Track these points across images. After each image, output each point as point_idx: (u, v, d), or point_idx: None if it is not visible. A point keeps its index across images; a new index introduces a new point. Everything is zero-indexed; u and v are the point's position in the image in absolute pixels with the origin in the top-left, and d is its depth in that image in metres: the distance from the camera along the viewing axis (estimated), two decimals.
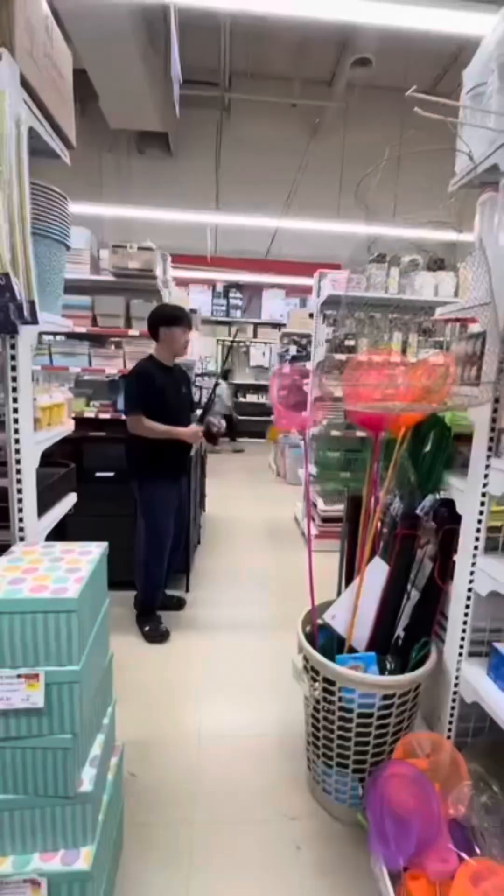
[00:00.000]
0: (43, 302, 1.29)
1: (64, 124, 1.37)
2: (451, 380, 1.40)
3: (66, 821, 1.01)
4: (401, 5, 2.06)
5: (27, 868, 0.98)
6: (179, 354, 2.36)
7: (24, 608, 0.93)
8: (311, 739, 1.53)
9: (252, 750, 1.73)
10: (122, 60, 4.78)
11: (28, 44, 1.08)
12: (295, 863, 1.35)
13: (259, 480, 5.87)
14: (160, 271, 3.21)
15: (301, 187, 6.99)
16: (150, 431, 2.20)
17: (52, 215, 1.36)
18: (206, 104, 6.72)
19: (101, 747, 1.13)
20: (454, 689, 1.43)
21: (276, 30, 5.44)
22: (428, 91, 1.10)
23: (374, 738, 1.38)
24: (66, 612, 0.94)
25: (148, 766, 1.63)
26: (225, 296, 7.97)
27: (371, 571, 1.54)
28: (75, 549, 1.15)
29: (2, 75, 0.99)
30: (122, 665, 2.10)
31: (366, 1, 2.03)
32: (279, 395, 1.78)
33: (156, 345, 2.32)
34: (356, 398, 1.50)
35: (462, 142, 1.24)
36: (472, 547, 1.35)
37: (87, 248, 3.13)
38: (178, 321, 2.27)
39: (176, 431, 2.22)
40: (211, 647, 2.34)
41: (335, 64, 6.24)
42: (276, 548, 3.68)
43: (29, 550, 1.14)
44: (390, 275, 3.28)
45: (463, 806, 1.24)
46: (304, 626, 1.59)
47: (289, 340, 6.92)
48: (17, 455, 1.18)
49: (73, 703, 0.96)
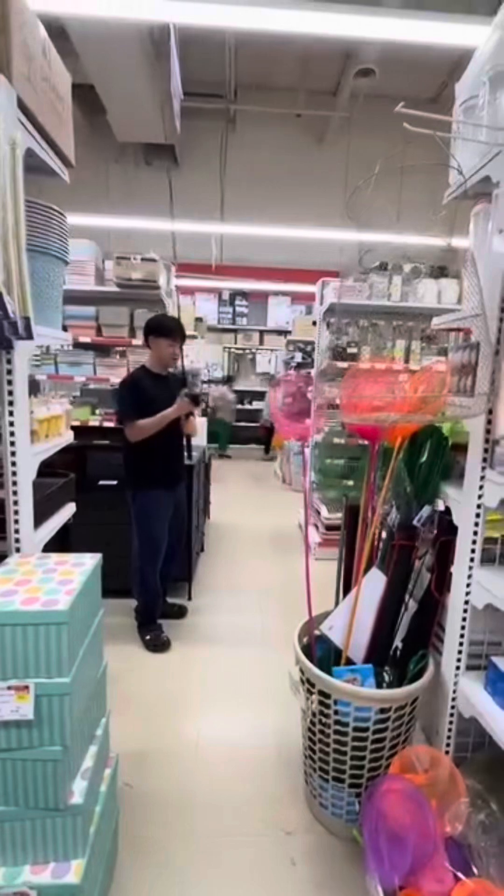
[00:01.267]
0: (41, 316, 1.32)
1: (63, 144, 1.40)
2: (447, 390, 1.40)
3: (56, 833, 1.01)
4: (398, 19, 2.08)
5: (17, 881, 0.98)
6: (167, 365, 2.36)
7: (14, 620, 0.94)
8: (307, 753, 1.52)
9: (250, 762, 1.72)
10: (129, 75, 4.88)
11: (25, 69, 1.12)
12: (290, 878, 1.34)
13: (264, 487, 5.86)
14: (163, 281, 3.25)
15: (305, 196, 7.04)
16: (146, 429, 2.20)
17: (50, 232, 1.39)
18: (211, 116, 6.82)
19: (93, 759, 1.13)
20: (452, 703, 1.41)
21: (281, 43, 5.51)
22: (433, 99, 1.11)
23: (370, 752, 1.37)
24: (56, 625, 0.95)
25: (145, 777, 1.63)
26: (231, 303, 8.02)
27: (368, 582, 1.53)
28: (69, 561, 1.17)
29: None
30: (122, 674, 2.13)
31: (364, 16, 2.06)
32: (284, 402, 1.79)
33: (149, 354, 2.36)
34: (352, 409, 1.50)
35: (452, 157, 1.24)
36: (468, 558, 1.34)
37: (91, 259, 3.19)
38: (163, 332, 2.28)
39: (164, 415, 2.21)
40: (211, 657, 2.34)
41: (339, 74, 6.30)
42: (279, 556, 3.67)
43: (23, 562, 1.15)
44: (392, 282, 3.29)
45: (460, 824, 1.21)
46: (301, 637, 1.58)
47: (294, 347, 6.94)
48: (14, 468, 1.20)
49: (63, 715, 0.97)
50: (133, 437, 2.23)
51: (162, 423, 2.21)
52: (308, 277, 6.37)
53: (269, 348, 8.12)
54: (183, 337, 2.35)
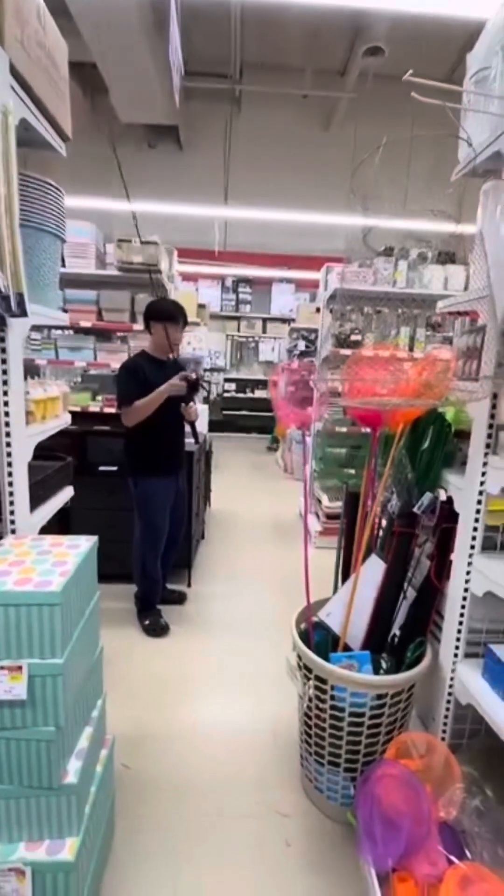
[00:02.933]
0: (36, 295, 1.29)
1: (59, 115, 1.36)
2: (452, 374, 1.37)
3: (51, 811, 1.02)
4: None
5: (12, 857, 0.99)
6: (164, 351, 2.30)
7: (7, 601, 0.93)
8: (303, 737, 1.52)
9: (247, 745, 1.73)
10: (132, 52, 4.76)
11: (17, 31, 1.07)
12: (284, 859, 1.35)
13: (265, 476, 5.85)
14: (165, 266, 3.20)
15: (311, 179, 6.90)
16: (142, 410, 2.15)
17: (46, 208, 1.35)
18: (216, 96, 6.66)
19: (88, 740, 1.13)
20: (449, 690, 1.41)
21: (288, 19, 5.35)
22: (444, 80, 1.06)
23: (365, 737, 1.37)
24: (50, 606, 0.94)
25: (142, 759, 1.64)
26: (234, 290, 7.93)
27: (367, 569, 1.52)
28: (64, 543, 1.15)
29: None
30: (120, 658, 2.14)
31: None
32: (287, 391, 1.76)
33: (149, 339, 2.32)
34: (354, 393, 1.47)
35: (462, 129, 1.19)
36: (468, 546, 1.32)
37: (92, 242, 3.14)
38: (163, 316, 2.22)
39: (158, 391, 2.14)
40: (210, 642, 2.35)
41: (347, 53, 6.13)
42: (279, 544, 3.67)
43: (18, 543, 1.14)
44: (398, 268, 3.22)
45: (454, 809, 1.22)
46: (299, 623, 1.57)
47: (297, 335, 6.87)
48: (8, 448, 1.19)
49: (57, 695, 0.96)
50: (129, 420, 2.19)
51: (155, 403, 2.15)
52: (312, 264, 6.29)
53: (272, 336, 8.05)
54: (185, 321, 2.31)
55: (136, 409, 2.16)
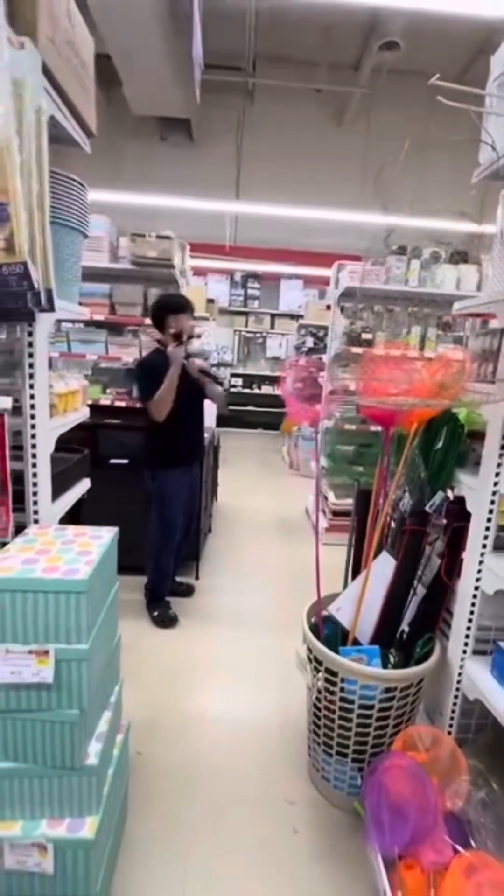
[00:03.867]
0: (60, 290, 1.31)
1: (85, 112, 1.37)
2: (467, 376, 1.38)
3: (72, 791, 1.06)
4: None
5: (35, 833, 1.03)
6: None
7: (36, 587, 0.96)
8: (312, 728, 1.56)
9: (254, 735, 1.77)
10: (146, 45, 4.74)
11: (50, 31, 1.09)
12: (291, 845, 1.39)
13: (272, 472, 5.88)
14: (178, 260, 3.21)
15: (324, 175, 6.86)
16: (165, 398, 2.16)
17: (70, 204, 1.37)
18: (229, 89, 6.62)
19: (107, 724, 1.17)
20: (457, 685, 1.44)
21: (302, 12, 5.31)
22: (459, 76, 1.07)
23: (374, 729, 1.40)
24: (77, 593, 0.97)
25: (154, 746, 1.68)
26: (243, 286, 7.92)
27: (378, 565, 1.55)
28: (87, 533, 1.19)
29: (23, 64, 1.00)
30: (131, 648, 2.16)
31: None
32: (294, 387, 1.77)
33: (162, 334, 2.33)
34: (370, 392, 1.49)
35: (486, 132, 1.20)
36: (480, 545, 1.34)
37: (106, 236, 3.15)
38: (175, 309, 2.23)
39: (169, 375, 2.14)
40: (218, 634, 2.39)
41: (362, 48, 6.07)
42: (285, 539, 3.70)
43: (42, 532, 1.18)
44: (410, 267, 3.22)
45: (460, 800, 1.25)
46: (310, 617, 1.60)
47: (306, 332, 6.86)
48: (33, 440, 1.22)
49: (81, 679, 1.00)
50: (158, 412, 2.18)
51: (173, 386, 2.16)
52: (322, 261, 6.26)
53: (279, 332, 8.04)
54: (192, 313, 2.32)
55: (160, 398, 2.17)
